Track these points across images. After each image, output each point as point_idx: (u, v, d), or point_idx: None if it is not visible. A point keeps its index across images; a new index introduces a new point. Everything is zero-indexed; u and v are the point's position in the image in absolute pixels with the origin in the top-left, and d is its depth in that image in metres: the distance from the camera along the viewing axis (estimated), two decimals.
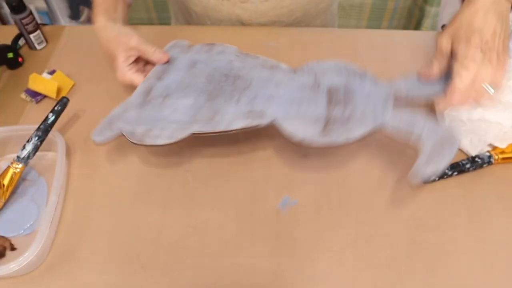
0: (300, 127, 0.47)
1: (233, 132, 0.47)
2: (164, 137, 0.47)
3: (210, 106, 0.49)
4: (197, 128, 0.47)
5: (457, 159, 0.53)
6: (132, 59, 0.56)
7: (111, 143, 0.57)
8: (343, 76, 0.51)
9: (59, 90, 0.61)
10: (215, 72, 0.53)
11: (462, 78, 0.44)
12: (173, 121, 0.48)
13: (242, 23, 0.72)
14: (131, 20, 0.84)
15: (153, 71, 0.56)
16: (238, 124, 0.47)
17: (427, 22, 0.79)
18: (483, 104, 0.47)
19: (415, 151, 0.55)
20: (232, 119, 0.48)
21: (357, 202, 0.51)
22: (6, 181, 0.51)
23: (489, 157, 0.52)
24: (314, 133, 0.47)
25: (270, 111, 0.48)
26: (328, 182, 0.52)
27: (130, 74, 0.55)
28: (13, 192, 0.52)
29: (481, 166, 0.52)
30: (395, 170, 0.54)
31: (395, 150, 0.56)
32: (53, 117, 0.52)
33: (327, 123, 0.47)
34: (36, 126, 0.52)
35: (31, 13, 0.66)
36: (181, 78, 0.54)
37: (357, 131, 0.46)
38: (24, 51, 0.69)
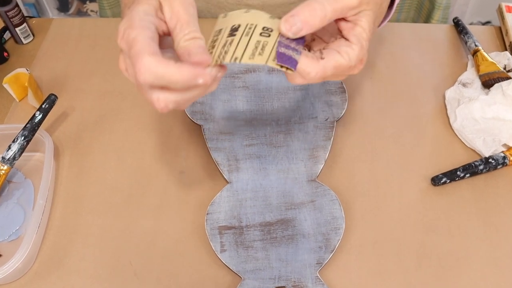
0: None
1: None
2: None
3: None
4: None
5: (470, 160, 0.53)
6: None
7: (103, 144, 0.57)
8: None
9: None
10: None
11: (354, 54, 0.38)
12: None
13: None
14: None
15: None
16: None
17: (437, 14, 0.79)
18: None
19: (423, 152, 0.55)
20: None
21: (362, 205, 0.51)
22: None
23: (504, 158, 0.52)
24: None
25: None
26: (332, 184, 0.52)
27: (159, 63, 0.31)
28: None
29: (495, 167, 0.52)
30: (403, 171, 0.54)
31: (402, 150, 0.56)
32: (40, 115, 0.52)
33: None
34: (22, 125, 0.52)
35: (17, 5, 0.66)
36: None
37: None
38: (10, 45, 0.69)
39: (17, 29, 0.67)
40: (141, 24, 0.32)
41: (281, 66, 0.34)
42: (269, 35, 0.34)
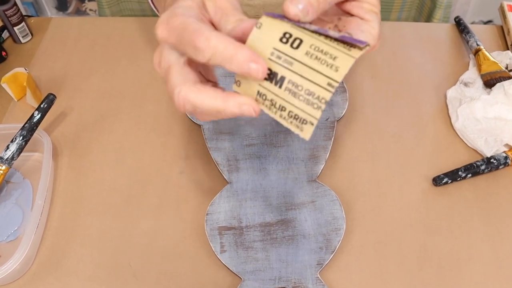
0: None
1: None
2: None
3: None
4: None
5: (472, 160, 0.53)
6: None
7: (102, 144, 0.57)
8: None
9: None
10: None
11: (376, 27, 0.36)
12: None
13: None
14: (122, 11, 0.84)
15: None
16: None
17: (439, 13, 0.79)
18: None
19: (425, 152, 0.55)
20: None
21: (363, 205, 0.51)
22: None
23: (506, 158, 0.52)
24: None
25: None
26: (333, 184, 0.52)
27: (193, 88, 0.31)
28: None
29: (496, 167, 0.52)
30: (404, 171, 0.54)
31: (403, 150, 0.56)
32: (39, 115, 0.52)
33: None
34: (21, 125, 0.52)
35: (15, 4, 0.66)
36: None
37: None
38: (8, 44, 0.69)
39: (15, 28, 0.67)
40: (184, 12, 0.31)
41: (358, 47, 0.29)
42: (300, 38, 0.29)
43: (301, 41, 0.29)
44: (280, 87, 0.30)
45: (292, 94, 0.30)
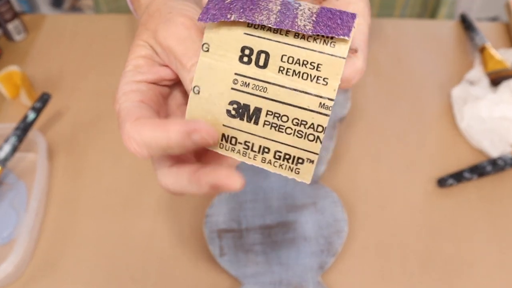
0: None
1: None
2: None
3: None
4: None
5: (477, 161, 0.53)
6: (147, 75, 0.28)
7: (99, 144, 0.57)
8: None
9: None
10: None
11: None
12: None
13: None
14: (119, 8, 0.83)
15: None
16: None
17: (443, 10, 0.79)
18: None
19: (429, 153, 0.55)
20: None
21: (366, 207, 0.51)
22: None
23: None
24: None
25: None
26: (334, 185, 0.52)
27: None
28: None
29: (503, 168, 0.52)
30: (407, 172, 0.54)
31: (406, 151, 0.56)
32: (33, 115, 0.52)
33: None
34: (15, 125, 0.52)
35: (8, 0, 0.66)
36: None
37: None
38: (2, 42, 0.69)
39: (9, 25, 0.67)
40: (123, 94, 0.27)
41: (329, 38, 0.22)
42: (264, 50, 0.23)
43: (267, 55, 0.23)
44: (256, 123, 0.24)
45: (276, 129, 0.24)
